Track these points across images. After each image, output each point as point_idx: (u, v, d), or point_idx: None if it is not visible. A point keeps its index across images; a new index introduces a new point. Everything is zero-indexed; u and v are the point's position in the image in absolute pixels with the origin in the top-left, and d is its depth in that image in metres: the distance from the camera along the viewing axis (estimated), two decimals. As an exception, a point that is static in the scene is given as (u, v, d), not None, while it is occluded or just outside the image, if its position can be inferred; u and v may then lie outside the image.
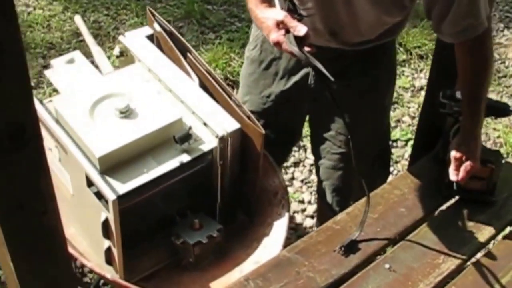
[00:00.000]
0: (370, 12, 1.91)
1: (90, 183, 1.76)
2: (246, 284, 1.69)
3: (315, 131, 2.34)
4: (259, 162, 1.91)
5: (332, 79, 1.68)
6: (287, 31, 1.75)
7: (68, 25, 4.07)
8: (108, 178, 1.77)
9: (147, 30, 2.22)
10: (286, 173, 3.19)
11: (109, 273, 1.89)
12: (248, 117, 1.88)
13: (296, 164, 3.27)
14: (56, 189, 2.02)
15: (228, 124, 1.88)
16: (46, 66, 3.72)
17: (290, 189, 3.11)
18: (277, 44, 1.78)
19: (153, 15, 2.17)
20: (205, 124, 1.90)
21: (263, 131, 1.84)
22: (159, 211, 1.95)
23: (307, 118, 2.37)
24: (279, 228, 1.97)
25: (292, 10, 1.79)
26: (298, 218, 3.00)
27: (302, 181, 3.19)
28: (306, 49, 1.72)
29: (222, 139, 1.85)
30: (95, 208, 1.76)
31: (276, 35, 1.77)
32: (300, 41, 1.72)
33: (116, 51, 2.23)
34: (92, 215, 1.81)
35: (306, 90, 2.16)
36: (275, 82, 2.21)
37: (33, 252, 1.09)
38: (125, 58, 2.23)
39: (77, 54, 2.17)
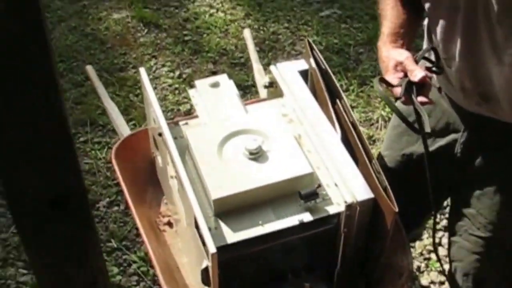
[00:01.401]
0: None
1: (198, 225, 1.64)
2: None
3: (454, 204, 2.07)
4: (387, 240, 1.69)
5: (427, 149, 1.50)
6: (405, 75, 1.59)
7: (246, 33, 4.01)
8: (219, 222, 1.65)
9: (301, 64, 2.06)
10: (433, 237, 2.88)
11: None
12: (385, 189, 1.67)
13: (446, 228, 2.94)
14: (176, 215, 1.97)
15: (360, 192, 1.68)
16: (215, 72, 3.69)
17: (433, 256, 2.82)
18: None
19: (311, 48, 2.00)
20: (336, 184, 1.72)
21: (396, 209, 1.62)
22: (269, 267, 1.79)
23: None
24: (395, 317, 1.74)
25: (432, 62, 1.62)
26: (433, 291, 2.71)
27: (449, 249, 2.87)
28: (420, 99, 1.54)
29: (350, 207, 1.65)
30: (200, 251, 1.63)
31: (391, 77, 1.62)
32: (416, 89, 1.57)
33: (265, 81, 2.09)
34: (196, 255, 1.70)
35: (450, 157, 1.91)
36: (419, 141, 1.98)
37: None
38: (273, 89, 2.09)
39: (223, 78, 2.05)
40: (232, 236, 1.63)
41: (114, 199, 3.08)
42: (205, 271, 1.62)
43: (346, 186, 1.69)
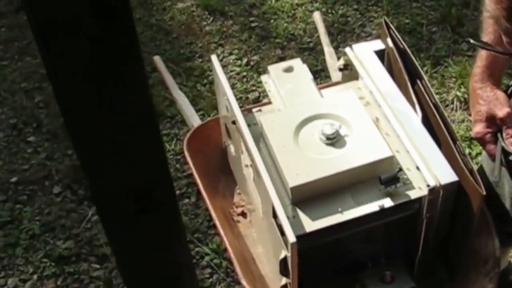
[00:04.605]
0: None
1: (276, 214, 1.59)
2: None
3: None
4: (472, 225, 1.61)
5: None
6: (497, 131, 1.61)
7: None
8: (297, 210, 1.60)
9: (378, 44, 1.98)
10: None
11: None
12: (470, 171, 1.59)
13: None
14: (250, 205, 1.93)
15: (444, 175, 1.60)
16: (283, 58, 3.62)
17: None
18: (480, 139, 1.65)
19: (388, 27, 1.93)
20: (417, 168, 1.65)
21: (484, 192, 1.54)
22: (348, 255, 1.74)
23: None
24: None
25: None
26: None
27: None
28: None
29: (433, 191, 1.58)
30: (277, 241, 1.59)
31: (483, 130, 1.63)
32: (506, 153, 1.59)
33: (340, 63, 2.02)
34: (274, 246, 1.66)
35: None
36: None
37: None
38: (348, 72, 2.02)
39: (297, 62, 2.00)
40: (311, 225, 1.58)
41: (185, 191, 3.05)
42: (283, 262, 1.58)
43: (428, 169, 1.62)
